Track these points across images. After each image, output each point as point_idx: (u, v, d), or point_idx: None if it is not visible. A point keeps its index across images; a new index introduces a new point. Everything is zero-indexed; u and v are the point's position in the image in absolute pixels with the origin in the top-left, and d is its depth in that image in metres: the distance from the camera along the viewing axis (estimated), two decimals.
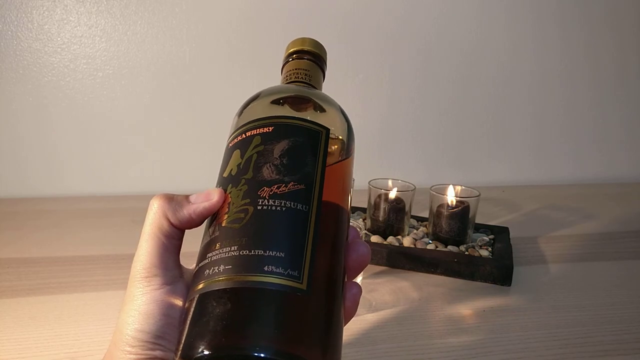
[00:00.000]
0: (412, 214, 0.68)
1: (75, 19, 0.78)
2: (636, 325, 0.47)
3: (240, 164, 0.28)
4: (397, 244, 0.61)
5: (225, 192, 0.27)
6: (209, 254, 0.25)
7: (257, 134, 0.29)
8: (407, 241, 0.61)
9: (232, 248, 0.25)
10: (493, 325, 0.46)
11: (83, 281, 0.53)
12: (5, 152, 0.82)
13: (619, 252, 0.64)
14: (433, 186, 0.63)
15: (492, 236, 0.64)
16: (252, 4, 0.81)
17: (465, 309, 0.49)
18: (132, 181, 0.86)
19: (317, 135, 0.30)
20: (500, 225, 0.68)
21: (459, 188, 0.63)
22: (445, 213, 0.61)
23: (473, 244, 0.61)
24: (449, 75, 0.91)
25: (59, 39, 0.78)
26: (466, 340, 0.44)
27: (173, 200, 0.28)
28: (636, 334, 0.45)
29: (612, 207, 0.82)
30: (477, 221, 0.64)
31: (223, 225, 0.26)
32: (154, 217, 0.28)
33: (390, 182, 0.65)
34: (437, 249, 0.60)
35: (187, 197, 0.28)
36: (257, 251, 0.24)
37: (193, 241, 0.61)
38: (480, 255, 0.58)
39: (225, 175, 0.29)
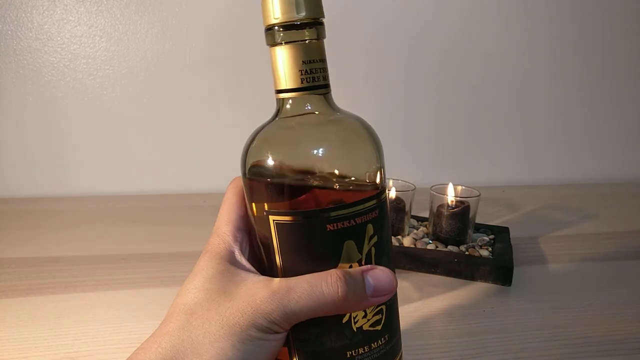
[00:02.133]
0: (412, 214, 0.68)
1: (75, 18, 0.78)
2: (636, 325, 0.47)
3: (360, 260, 0.27)
4: (397, 244, 0.61)
5: None
6: (357, 357, 0.27)
7: (368, 221, 0.27)
8: (407, 241, 0.61)
9: (380, 348, 0.28)
10: (493, 325, 0.46)
11: (83, 281, 0.53)
12: (3, 152, 0.82)
13: (619, 252, 0.64)
14: (433, 186, 0.63)
15: (492, 236, 0.64)
16: (253, 4, 0.81)
17: (465, 309, 0.49)
18: (132, 181, 0.86)
19: (387, 202, 0.30)
20: (501, 225, 0.68)
21: (459, 188, 0.63)
22: (445, 213, 0.61)
23: (473, 244, 0.61)
24: (449, 75, 0.91)
25: (58, 38, 0.78)
26: (466, 340, 0.44)
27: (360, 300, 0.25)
28: (636, 334, 0.45)
29: (612, 207, 0.82)
30: (477, 221, 0.64)
31: (364, 329, 0.27)
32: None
33: (390, 182, 0.65)
34: (437, 249, 0.60)
35: (365, 295, 0.25)
36: (393, 340, 0.29)
37: (194, 241, 0.61)
38: (481, 255, 0.58)
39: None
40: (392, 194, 0.63)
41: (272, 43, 0.27)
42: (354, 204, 0.26)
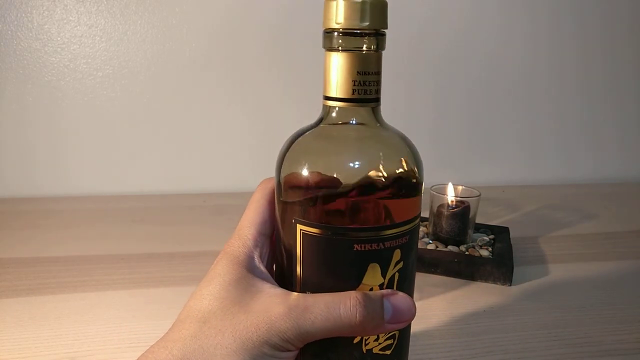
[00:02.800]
0: None
1: (75, 18, 0.78)
2: (636, 325, 0.47)
3: (382, 284, 0.26)
4: None
5: None
6: None
7: (396, 246, 0.26)
8: None
9: None
10: (493, 325, 0.46)
11: (83, 281, 0.53)
12: (4, 152, 0.82)
13: (619, 251, 0.64)
14: (433, 186, 0.63)
15: (492, 236, 0.64)
16: (253, 4, 0.81)
17: (465, 309, 0.49)
18: (132, 181, 0.86)
19: (420, 225, 0.30)
20: (501, 225, 0.68)
21: (459, 188, 0.63)
22: (445, 213, 0.61)
23: (473, 244, 0.61)
24: (449, 74, 0.91)
25: (58, 38, 0.78)
26: (466, 340, 0.44)
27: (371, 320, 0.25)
28: (636, 334, 0.45)
29: (612, 207, 0.82)
30: (477, 221, 0.64)
31: (374, 352, 0.27)
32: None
33: None
34: (437, 249, 0.60)
35: (382, 321, 0.25)
36: None
37: (194, 241, 0.61)
38: (481, 255, 0.58)
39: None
40: None
41: (329, 48, 0.26)
42: (385, 227, 0.25)
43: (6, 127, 0.81)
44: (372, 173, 0.26)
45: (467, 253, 0.58)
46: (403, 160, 0.27)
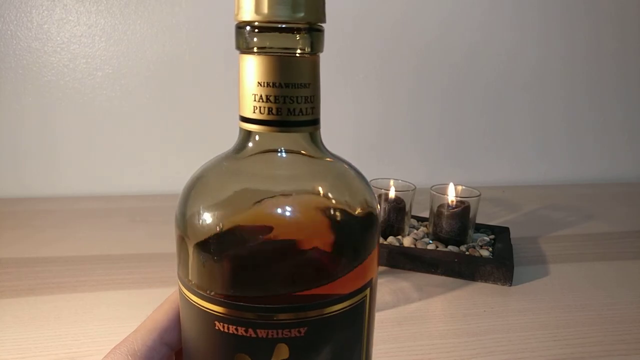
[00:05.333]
0: (413, 214, 0.68)
1: (74, 18, 0.78)
2: (636, 325, 0.47)
3: None
4: (397, 244, 0.61)
5: None
6: None
7: (280, 339, 0.18)
8: (407, 241, 0.61)
9: None
10: (493, 325, 0.46)
11: (83, 281, 0.53)
12: (4, 152, 0.81)
13: (619, 252, 0.64)
14: (433, 186, 0.63)
15: (492, 236, 0.64)
16: None
17: (466, 309, 0.49)
18: (131, 181, 0.86)
19: (363, 308, 0.19)
20: (501, 225, 0.67)
21: (459, 188, 0.63)
22: (445, 213, 0.61)
23: (473, 244, 0.61)
24: (449, 75, 0.91)
25: (58, 38, 0.78)
26: (466, 341, 0.44)
27: None
28: (636, 334, 0.45)
29: (613, 207, 0.82)
30: (477, 221, 0.64)
31: None
32: None
33: (390, 182, 0.65)
34: (438, 249, 0.60)
35: None
36: None
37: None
38: (481, 256, 0.58)
39: None
40: (392, 193, 0.63)
41: (239, 49, 0.19)
42: (257, 308, 0.17)
43: (6, 127, 0.81)
44: (283, 229, 0.19)
45: (467, 253, 0.58)
46: (327, 215, 0.20)
